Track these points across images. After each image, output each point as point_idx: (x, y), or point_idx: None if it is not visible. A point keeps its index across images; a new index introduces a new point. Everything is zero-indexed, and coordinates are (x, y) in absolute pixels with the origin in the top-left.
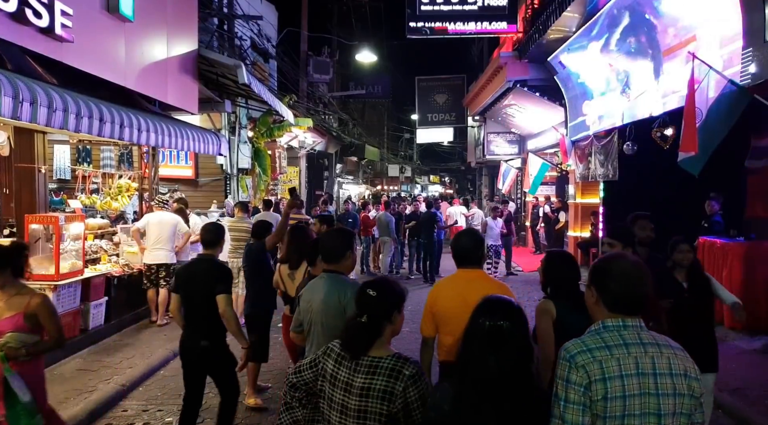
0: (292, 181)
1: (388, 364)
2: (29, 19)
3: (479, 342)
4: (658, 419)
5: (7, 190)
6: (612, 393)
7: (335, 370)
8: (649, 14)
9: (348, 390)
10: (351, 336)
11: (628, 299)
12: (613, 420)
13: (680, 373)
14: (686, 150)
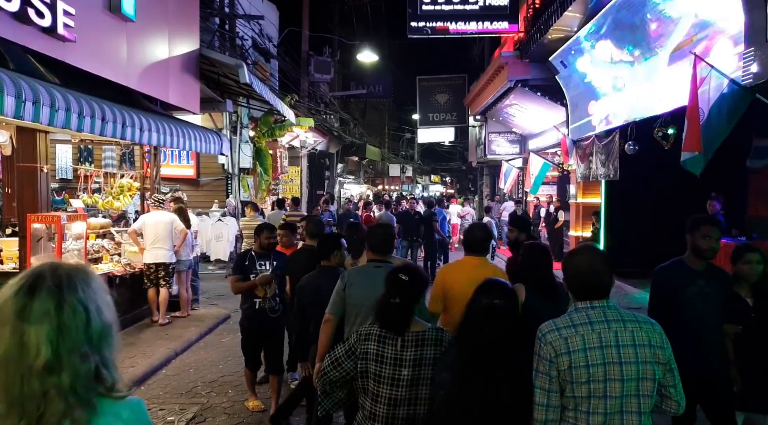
0: (293, 180)
1: (432, 336)
2: (32, 18)
3: (476, 315)
4: (622, 384)
5: (9, 189)
6: (576, 363)
7: (380, 349)
8: (653, 13)
9: (398, 364)
10: (392, 316)
11: (586, 289)
12: (579, 385)
13: (644, 343)
14: (690, 150)
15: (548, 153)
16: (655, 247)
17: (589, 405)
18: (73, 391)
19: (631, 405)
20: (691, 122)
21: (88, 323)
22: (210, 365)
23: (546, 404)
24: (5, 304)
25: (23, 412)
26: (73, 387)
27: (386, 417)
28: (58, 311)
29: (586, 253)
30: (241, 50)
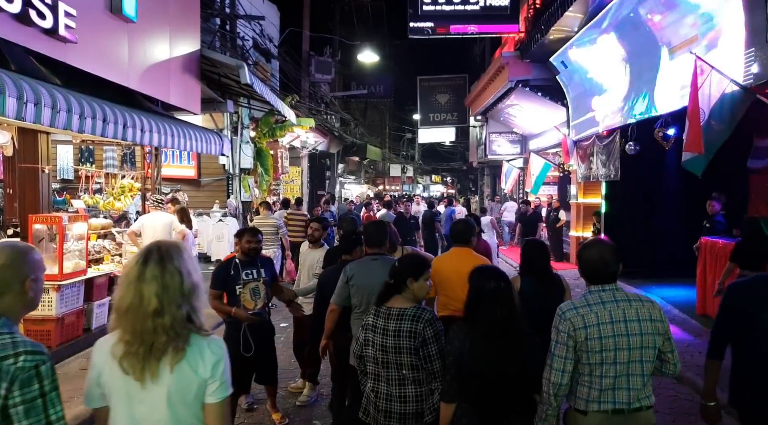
0: (294, 181)
1: (411, 312)
2: (33, 20)
3: (487, 298)
4: (628, 351)
5: (10, 190)
6: (591, 335)
7: (374, 321)
8: (656, 11)
9: (385, 333)
10: (379, 292)
11: (598, 275)
12: (594, 353)
13: (646, 318)
14: (691, 150)
15: (549, 153)
16: (656, 247)
17: (602, 369)
18: (172, 328)
19: (636, 369)
20: (692, 122)
21: (182, 282)
22: None
23: (562, 369)
24: (130, 271)
25: (142, 341)
26: (172, 325)
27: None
28: (161, 275)
29: (598, 246)
30: (241, 51)
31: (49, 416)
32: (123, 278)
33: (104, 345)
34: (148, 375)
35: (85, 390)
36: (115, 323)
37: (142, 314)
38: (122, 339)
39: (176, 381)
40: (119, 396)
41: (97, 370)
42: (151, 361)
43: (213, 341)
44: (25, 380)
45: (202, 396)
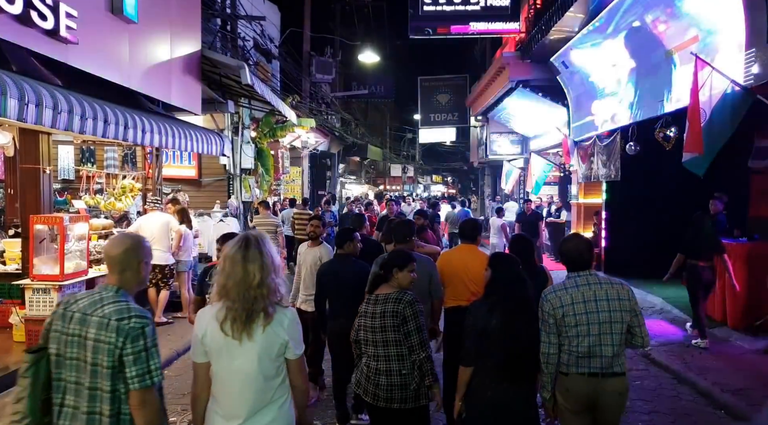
0: (295, 181)
1: (393, 296)
2: (34, 21)
3: (512, 281)
4: (598, 325)
5: (12, 190)
6: (566, 313)
7: (366, 307)
8: (659, 13)
9: (373, 316)
10: (369, 281)
11: (575, 263)
12: (570, 327)
13: (614, 298)
14: (691, 151)
15: (550, 153)
16: (656, 247)
17: (578, 340)
18: (267, 297)
19: (606, 340)
20: (692, 122)
21: (272, 261)
22: None
23: (548, 342)
24: (235, 254)
25: (244, 307)
26: (268, 295)
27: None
28: (260, 256)
29: (575, 240)
30: (242, 51)
31: (150, 365)
32: (228, 260)
33: (206, 313)
34: (245, 335)
35: (191, 348)
36: (219, 296)
37: (247, 286)
38: (226, 307)
39: (265, 340)
40: (220, 352)
41: (201, 333)
42: (248, 324)
43: (289, 310)
44: (135, 336)
45: (282, 353)
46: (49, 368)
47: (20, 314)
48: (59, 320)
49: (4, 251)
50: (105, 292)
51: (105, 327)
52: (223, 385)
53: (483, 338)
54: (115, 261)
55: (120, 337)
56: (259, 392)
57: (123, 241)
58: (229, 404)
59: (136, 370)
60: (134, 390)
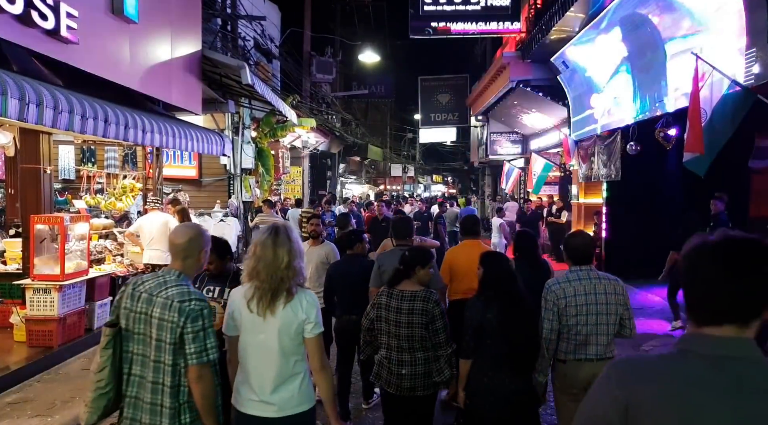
0: (295, 181)
1: (422, 294)
2: (35, 21)
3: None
4: (596, 316)
5: (12, 190)
6: (568, 303)
7: (388, 301)
8: (656, 11)
9: (399, 311)
10: (392, 276)
11: (578, 258)
12: (570, 316)
13: (610, 292)
14: (692, 150)
15: (550, 153)
16: (657, 247)
17: (576, 329)
18: (291, 279)
19: (602, 330)
20: (693, 122)
21: (298, 247)
22: None
23: (550, 328)
24: (266, 240)
25: (270, 285)
26: (292, 277)
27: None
28: (289, 241)
29: (582, 236)
30: (243, 51)
31: (206, 343)
32: (260, 245)
33: (238, 292)
34: (269, 312)
35: (224, 323)
36: (249, 277)
37: (275, 268)
38: (255, 286)
39: (285, 318)
40: (247, 327)
41: (231, 309)
42: (273, 302)
43: (308, 293)
44: (194, 317)
45: (300, 331)
46: (122, 341)
47: (21, 314)
48: (128, 299)
49: (4, 251)
50: (168, 276)
51: (168, 308)
52: (249, 358)
53: (480, 332)
54: (179, 249)
55: (181, 317)
56: (279, 366)
57: (186, 231)
58: (255, 376)
59: (195, 347)
60: (192, 365)
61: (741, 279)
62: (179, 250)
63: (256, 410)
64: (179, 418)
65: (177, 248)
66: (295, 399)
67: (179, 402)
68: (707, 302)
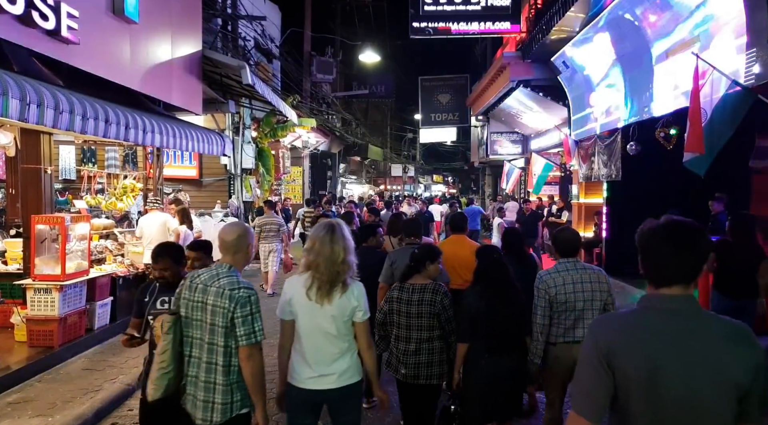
0: (296, 181)
1: (431, 287)
2: (36, 21)
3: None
4: (582, 303)
5: (13, 190)
6: (558, 292)
7: (399, 295)
8: (651, 11)
9: (409, 303)
10: (404, 272)
11: (566, 251)
12: (560, 303)
13: (595, 280)
14: (692, 150)
15: (550, 153)
16: None
17: (565, 315)
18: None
19: (587, 315)
20: (693, 122)
21: (350, 244)
22: None
23: (542, 315)
24: (324, 236)
25: (329, 278)
26: (346, 270)
27: (406, 337)
28: (343, 239)
29: (570, 231)
30: (243, 51)
31: (254, 327)
32: (317, 241)
33: (294, 281)
34: (326, 300)
35: (279, 308)
36: (308, 268)
37: (333, 262)
38: (314, 277)
39: (339, 305)
40: (304, 312)
41: (288, 296)
42: (330, 292)
43: (358, 284)
44: (243, 303)
45: (351, 316)
46: (182, 327)
47: (22, 314)
48: (186, 290)
49: (5, 251)
50: (220, 269)
51: (221, 295)
52: (306, 339)
53: (476, 318)
54: (230, 245)
55: (232, 303)
56: (334, 345)
57: (235, 229)
58: (313, 353)
59: (244, 330)
60: (242, 346)
61: (684, 253)
62: (229, 246)
63: (315, 384)
64: (231, 395)
65: (227, 245)
66: (347, 373)
67: (230, 380)
68: (661, 271)
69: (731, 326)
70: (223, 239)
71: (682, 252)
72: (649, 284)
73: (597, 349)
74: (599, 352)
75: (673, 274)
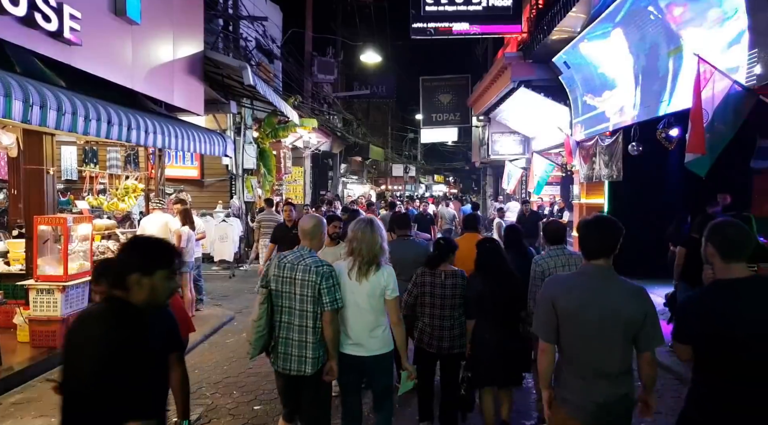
0: (297, 181)
1: (459, 273)
2: (38, 23)
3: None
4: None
5: (15, 191)
6: (550, 272)
7: (432, 279)
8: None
9: (443, 286)
10: (431, 260)
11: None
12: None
13: (579, 263)
14: (693, 151)
15: (552, 153)
16: (658, 247)
17: None
18: (380, 256)
19: None
20: (695, 123)
21: (384, 234)
22: (215, 366)
23: (535, 292)
24: (365, 228)
25: (368, 260)
26: (381, 254)
27: (440, 315)
28: (379, 229)
29: (557, 224)
30: (244, 51)
31: (335, 295)
32: (360, 231)
33: (339, 264)
34: (363, 278)
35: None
36: (350, 253)
37: (372, 247)
38: (356, 260)
39: (373, 283)
40: (346, 290)
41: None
42: (366, 272)
43: (388, 267)
44: (326, 277)
45: (383, 294)
46: (272, 299)
47: (24, 315)
48: (275, 268)
49: (8, 251)
50: (303, 251)
51: (308, 271)
52: (347, 312)
53: (479, 299)
54: (309, 232)
55: (318, 277)
56: (369, 318)
57: (313, 220)
58: (351, 325)
59: (329, 298)
60: (327, 311)
61: (604, 236)
62: (307, 233)
63: (353, 350)
64: (318, 351)
65: (307, 232)
66: (379, 343)
67: (317, 339)
68: (591, 248)
69: (633, 287)
70: (303, 227)
71: (604, 236)
72: (584, 257)
73: (548, 296)
74: (549, 298)
75: (598, 250)
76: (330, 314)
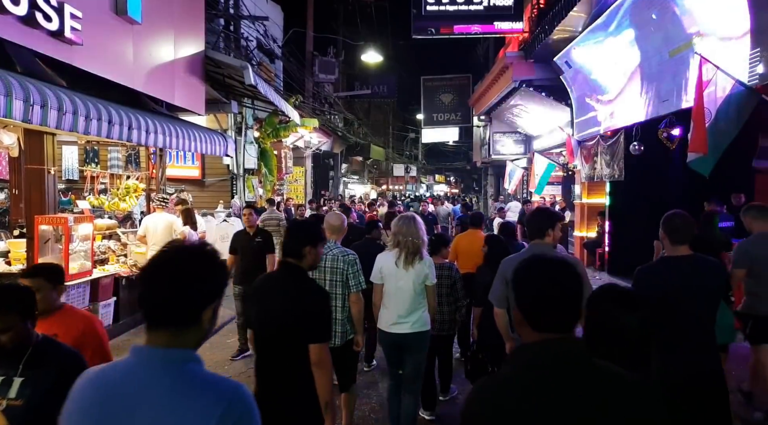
0: (298, 181)
1: (447, 265)
2: (39, 22)
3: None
4: None
5: (16, 191)
6: None
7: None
8: (661, 13)
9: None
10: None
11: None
12: None
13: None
14: (696, 151)
15: (553, 153)
16: None
17: None
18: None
19: None
20: (697, 122)
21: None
22: (215, 366)
23: None
24: (409, 223)
25: (412, 250)
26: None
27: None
28: (420, 223)
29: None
30: (245, 51)
31: (360, 279)
32: (404, 226)
33: (384, 256)
34: (409, 266)
35: (372, 275)
36: (396, 245)
37: (414, 239)
38: (402, 251)
39: (417, 270)
40: (390, 276)
41: (380, 266)
42: (411, 261)
43: (429, 257)
44: (352, 264)
45: (423, 280)
46: None
47: None
48: None
49: (9, 251)
50: (330, 243)
51: (336, 260)
52: (392, 296)
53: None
54: (335, 228)
55: (345, 265)
56: (411, 301)
57: (338, 217)
58: (395, 306)
59: (354, 282)
60: (353, 292)
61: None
62: (335, 228)
63: (396, 329)
64: (346, 327)
65: (333, 227)
66: (419, 322)
67: (345, 316)
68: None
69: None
70: (330, 223)
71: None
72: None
73: (503, 272)
74: (503, 273)
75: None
76: (356, 295)
